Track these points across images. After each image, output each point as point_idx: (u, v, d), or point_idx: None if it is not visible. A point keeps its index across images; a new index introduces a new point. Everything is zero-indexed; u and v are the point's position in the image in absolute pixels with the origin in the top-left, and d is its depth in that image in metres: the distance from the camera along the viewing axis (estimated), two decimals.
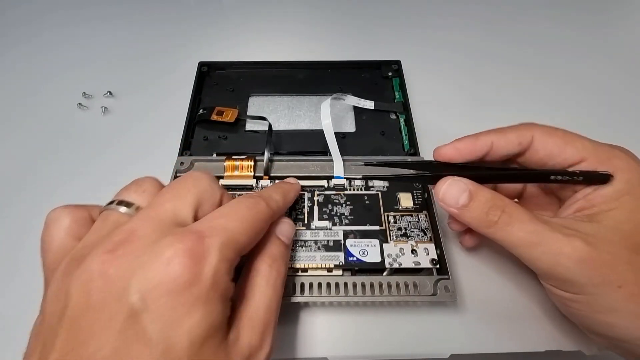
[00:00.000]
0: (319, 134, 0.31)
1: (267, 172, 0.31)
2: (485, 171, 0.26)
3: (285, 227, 0.24)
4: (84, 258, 0.17)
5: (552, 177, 0.24)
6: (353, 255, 0.27)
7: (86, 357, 0.15)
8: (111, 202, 0.20)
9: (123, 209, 0.20)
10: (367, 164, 0.27)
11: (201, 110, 0.37)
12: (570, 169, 0.24)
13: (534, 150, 0.24)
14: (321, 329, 0.27)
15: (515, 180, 0.28)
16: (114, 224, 0.19)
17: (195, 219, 0.20)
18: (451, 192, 0.24)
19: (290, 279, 0.26)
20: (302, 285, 0.26)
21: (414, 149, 0.34)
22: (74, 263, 0.17)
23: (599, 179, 0.23)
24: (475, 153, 0.25)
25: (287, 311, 0.27)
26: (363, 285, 0.26)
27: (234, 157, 0.31)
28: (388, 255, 0.27)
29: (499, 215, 0.22)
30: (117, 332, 0.15)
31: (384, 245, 0.28)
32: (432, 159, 0.27)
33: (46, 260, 0.19)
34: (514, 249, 0.22)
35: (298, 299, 0.25)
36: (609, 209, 0.22)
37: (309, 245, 0.28)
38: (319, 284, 0.26)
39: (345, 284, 0.26)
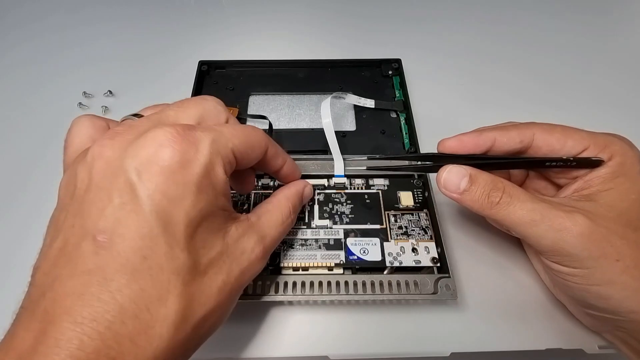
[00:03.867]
0: (319, 133, 0.31)
1: None
2: (485, 161, 0.26)
3: (310, 189, 0.28)
4: (87, 149, 0.19)
5: (547, 164, 0.25)
6: (354, 254, 0.27)
7: (91, 228, 0.17)
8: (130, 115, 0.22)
9: (136, 117, 0.22)
10: (370, 158, 0.28)
11: None
12: (565, 157, 0.25)
13: (536, 147, 0.25)
14: (322, 328, 0.27)
15: (513, 167, 0.28)
16: (123, 125, 0.20)
17: None
18: (452, 178, 0.24)
19: (291, 277, 0.26)
20: (303, 283, 0.26)
21: (414, 148, 0.34)
22: (83, 153, 0.20)
23: (592, 164, 0.24)
24: (479, 147, 0.26)
25: (288, 309, 0.28)
26: (364, 283, 0.26)
27: None
28: (389, 254, 0.27)
29: (499, 196, 0.23)
30: (118, 204, 0.17)
31: (385, 243, 0.28)
32: (434, 152, 0.27)
33: (65, 157, 0.22)
34: (516, 227, 0.23)
35: (299, 297, 0.25)
36: (605, 189, 0.23)
37: (310, 244, 0.28)
38: (320, 283, 0.26)
39: (346, 283, 0.26)
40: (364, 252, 0.27)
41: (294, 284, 0.26)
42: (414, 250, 0.27)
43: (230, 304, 0.21)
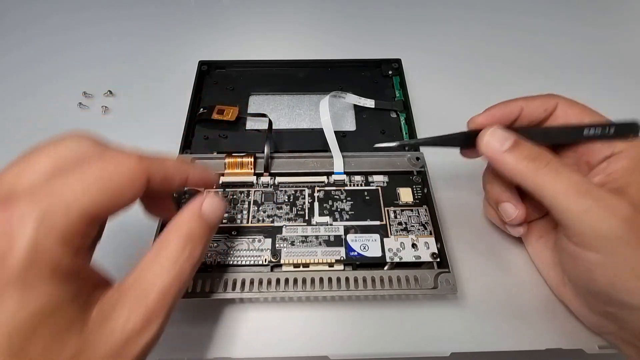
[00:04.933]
0: (320, 133, 0.31)
1: (267, 168, 0.31)
2: (520, 131, 0.25)
3: (211, 203, 0.21)
4: None
5: (585, 133, 0.25)
6: (354, 250, 0.27)
7: None
8: None
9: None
10: (401, 144, 0.27)
11: (201, 109, 0.37)
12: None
13: (555, 117, 0.26)
14: (322, 326, 0.27)
15: (551, 141, 0.26)
16: None
17: None
18: (496, 137, 0.24)
19: (292, 274, 0.26)
20: (304, 280, 0.26)
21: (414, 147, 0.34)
22: None
23: (629, 129, 0.24)
24: (508, 116, 0.26)
25: (288, 308, 0.27)
26: (364, 279, 0.26)
27: (234, 154, 0.31)
28: (389, 250, 0.27)
29: (547, 161, 0.22)
30: None
31: (385, 239, 0.28)
32: (465, 130, 0.27)
33: None
34: (558, 198, 0.22)
35: (300, 293, 0.25)
36: (632, 181, 0.22)
37: (310, 241, 0.28)
38: (321, 279, 0.26)
39: (347, 279, 0.26)
40: (364, 248, 0.27)
41: (295, 280, 0.26)
42: (413, 245, 0.27)
43: None
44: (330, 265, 0.27)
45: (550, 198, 0.22)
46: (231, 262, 0.27)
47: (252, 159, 0.31)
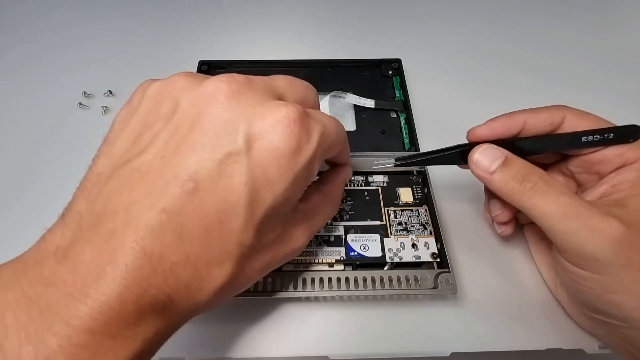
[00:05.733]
0: None
1: None
2: (517, 140, 0.25)
3: (350, 176, 0.28)
4: (206, 80, 0.19)
5: (584, 139, 0.24)
6: (354, 250, 0.27)
7: (183, 170, 0.17)
8: None
9: None
10: (397, 160, 0.27)
11: None
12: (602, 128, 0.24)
13: (562, 130, 0.25)
14: (322, 326, 0.27)
15: (546, 150, 0.27)
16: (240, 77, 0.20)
17: None
18: (486, 156, 0.24)
19: (292, 274, 0.26)
20: (304, 280, 0.26)
21: (414, 147, 0.34)
22: (194, 82, 0.19)
23: (629, 133, 0.23)
24: (510, 131, 0.25)
25: (288, 307, 0.27)
26: (364, 279, 0.26)
27: None
28: (389, 250, 0.27)
29: (535, 181, 0.22)
30: (217, 160, 0.17)
31: (385, 239, 0.28)
32: (464, 142, 0.26)
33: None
34: (546, 219, 0.22)
35: (300, 293, 0.25)
36: (636, 193, 0.22)
37: (311, 241, 0.27)
38: (321, 279, 0.26)
39: (347, 279, 0.26)
40: (364, 248, 0.27)
41: (295, 280, 0.26)
42: (413, 245, 0.27)
43: (259, 277, 0.21)
44: (330, 265, 0.27)
45: (539, 218, 0.22)
46: None
47: None
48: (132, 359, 0.16)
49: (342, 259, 0.27)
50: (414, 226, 0.28)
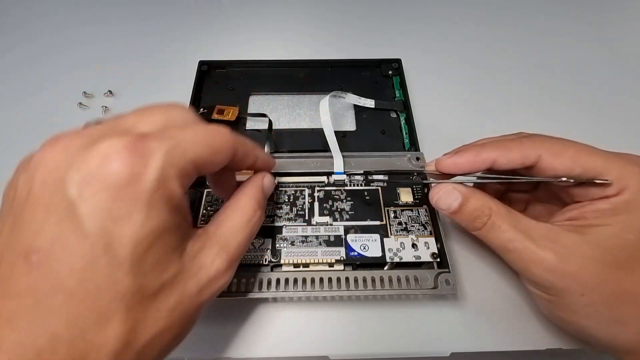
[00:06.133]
0: (320, 133, 0.31)
1: None
2: (482, 180, 0.26)
3: (269, 180, 0.26)
4: (33, 152, 0.18)
5: (559, 180, 0.24)
6: (354, 250, 0.27)
7: (25, 246, 0.16)
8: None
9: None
10: (365, 173, 0.29)
11: (202, 109, 0.37)
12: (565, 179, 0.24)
13: (540, 170, 0.24)
14: (322, 326, 0.27)
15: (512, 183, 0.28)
16: (71, 131, 0.19)
17: None
18: (444, 198, 0.25)
19: (292, 274, 0.26)
20: (304, 280, 0.26)
21: (414, 148, 0.34)
22: (28, 158, 0.18)
23: (596, 185, 0.23)
24: (475, 168, 0.25)
25: (288, 307, 0.28)
26: (364, 279, 0.26)
27: None
28: (389, 250, 0.27)
29: (484, 222, 0.24)
30: (55, 222, 0.16)
31: (385, 239, 0.28)
32: (434, 171, 0.27)
33: None
34: (494, 250, 0.25)
35: (300, 293, 0.25)
36: (600, 224, 0.22)
37: (310, 241, 0.28)
38: (321, 279, 0.26)
39: (347, 279, 0.26)
40: (364, 248, 0.27)
41: (295, 280, 0.26)
42: (413, 245, 0.27)
43: (185, 324, 0.19)
44: (330, 265, 0.27)
45: (492, 248, 0.25)
46: None
47: None
48: None
49: (342, 259, 0.27)
50: (414, 226, 0.28)
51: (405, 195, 0.30)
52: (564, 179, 0.23)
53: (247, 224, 0.22)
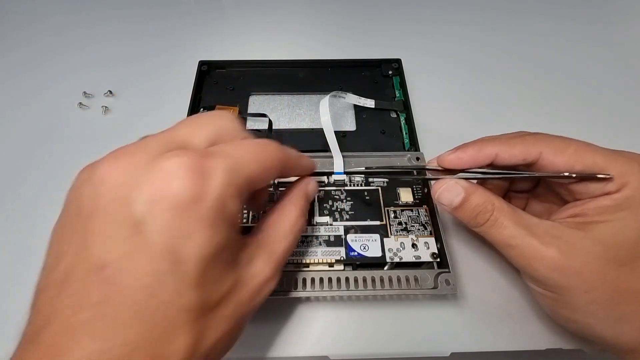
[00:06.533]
0: (320, 133, 0.31)
1: None
2: (483, 175, 0.26)
3: (314, 187, 0.26)
4: (100, 166, 0.18)
5: (549, 178, 0.25)
6: (354, 250, 0.27)
7: (96, 259, 0.16)
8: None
9: None
10: (367, 169, 0.28)
11: (202, 109, 0.37)
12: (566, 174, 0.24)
13: (541, 166, 0.24)
14: (322, 327, 0.27)
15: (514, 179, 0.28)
16: (130, 145, 0.19)
17: None
18: (446, 194, 0.25)
19: (291, 274, 0.26)
20: (304, 280, 0.26)
21: (414, 147, 0.34)
22: (90, 168, 0.18)
23: (597, 180, 0.23)
24: (478, 163, 0.25)
25: (288, 307, 0.28)
26: (364, 279, 0.26)
27: None
28: (389, 250, 0.27)
29: (486, 218, 0.24)
30: (123, 238, 0.16)
31: (385, 239, 0.28)
32: (435, 167, 0.27)
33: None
34: (496, 246, 0.24)
35: (300, 293, 0.25)
36: (602, 220, 0.22)
37: (310, 241, 0.28)
38: (321, 279, 0.26)
39: (347, 279, 0.26)
40: (364, 248, 0.27)
41: (295, 280, 0.26)
42: (413, 245, 0.27)
43: (239, 329, 0.20)
44: (330, 265, 0.27)
45: (493, 245, 0.25)
46: None
47: None
48: None
49: (342, 259, 0.27)
50: (414, 226, 0.28)
51: (405, 195, 0.30)
52: (566, 174, 0.23)
53: (292, 230, 0.23)
